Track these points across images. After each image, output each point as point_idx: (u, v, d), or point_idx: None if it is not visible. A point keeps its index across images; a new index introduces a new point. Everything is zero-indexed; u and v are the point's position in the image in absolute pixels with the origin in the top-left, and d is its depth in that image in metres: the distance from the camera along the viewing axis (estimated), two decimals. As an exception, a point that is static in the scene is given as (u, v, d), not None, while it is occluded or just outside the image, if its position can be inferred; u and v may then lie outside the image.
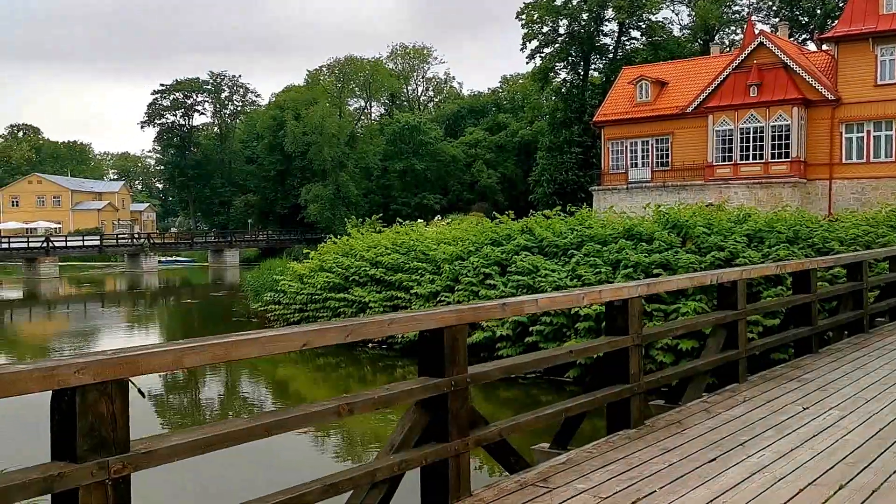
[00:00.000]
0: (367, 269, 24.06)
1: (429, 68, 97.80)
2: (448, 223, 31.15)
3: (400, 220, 29.55)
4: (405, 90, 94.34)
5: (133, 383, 2.83)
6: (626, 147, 48.35)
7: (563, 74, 61.38)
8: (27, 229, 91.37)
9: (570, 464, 4.93)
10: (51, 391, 2.68)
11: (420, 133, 73.53)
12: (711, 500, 4.34)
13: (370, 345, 23.17)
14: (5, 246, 61.36)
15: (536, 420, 5.06)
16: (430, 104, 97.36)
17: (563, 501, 4.21)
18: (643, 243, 17.98)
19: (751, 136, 42.77)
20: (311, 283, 25.56)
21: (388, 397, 3.74)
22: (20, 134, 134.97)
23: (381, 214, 31.69)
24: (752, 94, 42.63)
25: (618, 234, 18.75)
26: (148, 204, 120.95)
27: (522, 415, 5.09)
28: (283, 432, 3.31)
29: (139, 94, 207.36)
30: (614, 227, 19.30)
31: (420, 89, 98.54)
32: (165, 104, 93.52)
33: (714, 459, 5.11)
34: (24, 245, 59.49)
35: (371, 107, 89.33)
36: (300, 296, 25.80)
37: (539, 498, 4.25)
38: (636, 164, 48.00)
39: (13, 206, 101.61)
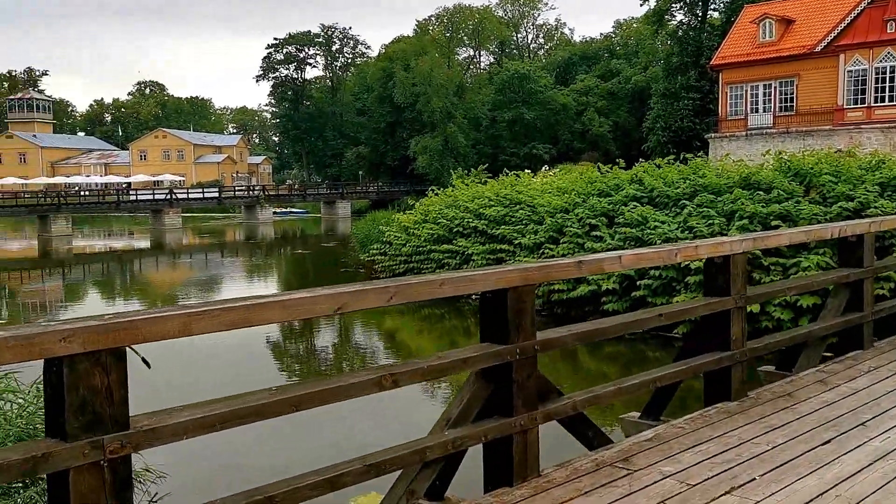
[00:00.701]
0: (471, 220, 23.76)
1: (539, 15, 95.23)
2: (555, 174, 30.34)
3: (506, 171, 28.99)
4: (515, 38, 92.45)
5: (135, 352, 2.51)
6: (746, 91, 45.67)
7: (679, 16, 58.47)
8: (154, 182, 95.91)
9: (658, 441, 4.37)
10: (43, 361, 2.38)
11: (530, 81, 72.00)
12: (823, 493, 3.69)
13: (473, 297, 22.97)
14: (133, 198, 64.61)
15: (619, 392, 4.50)
16: (541, 52, 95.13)
17: (644, 488, 3.68)
18: (761, 192, 16.78)
19: (887, 75, 39.50)
20: (416, 235, 25.49)
21: (440, 366, 3.30)
22: (147, 91, 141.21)
23: (485, 165, 31.15)
24: (889, 30, 39.23)
25: (733, 184, 17.59)
26: (264, 157, 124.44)
27: (603, 386, 4.53)
28: (313, 407, 2.94)
29: (257, 50, 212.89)
30: (730, 176, 18.14)
31: (530, 37, 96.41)
32: (279, 58, 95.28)
33: (828, 441, 4.41)
34: (150, 197, 62.39)
35: (480, 56, 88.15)
36: (405, 247, 25.80)
37: (616, 482, 3.74)
38: (756, 109, 45.34)
39: (141, 159, 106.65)
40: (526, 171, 30.43)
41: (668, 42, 60.10)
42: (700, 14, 57.39)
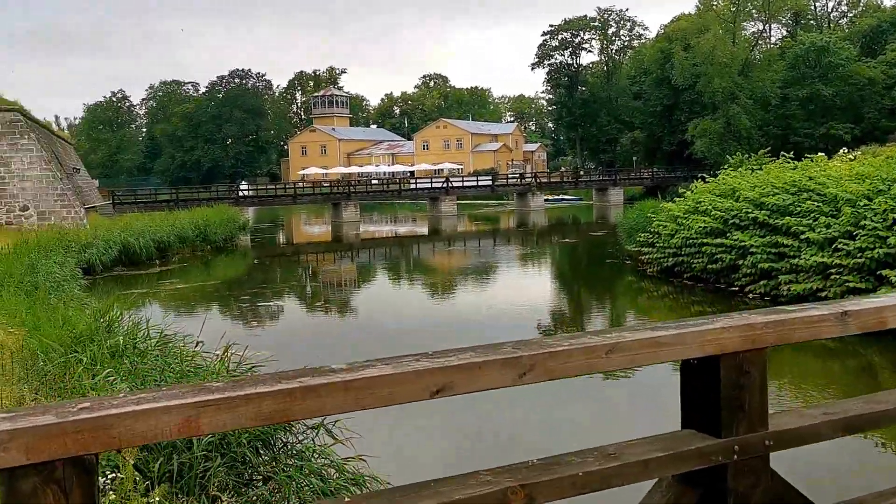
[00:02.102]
0: (750, 210, 21.47)
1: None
2: (854, 158, 26.63)
3: (790, 155, 25.99)
4: (812, 7, 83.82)
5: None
6: None
7: None
8: (434, 170, 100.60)
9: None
10: None
11: (829, 54, 64.83)
12: None
13: (750, 294, 20.77)
14: (413, 186, 67.96)
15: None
16: (843, 20, 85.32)
17: None
18: None
19: None
20: (686, 226, 23.64)
21: (605, 472, 2.15)
22: (431, 83, 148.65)
23: (768, 148, 28.20)
24: None
25: None
26: (539, 144, 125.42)
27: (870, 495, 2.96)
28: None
29: (535, 37, 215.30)
30: None
31: (830, 4, 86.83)
32: (554, 44, 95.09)
33: None
34: (429, 185, 65.16)
35: (770, 30, 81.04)
36: (674, 238, 24.09)
37: None
38: None
39: (424, 149, 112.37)
40: (818, 154, 27.15)
41: None
42: None
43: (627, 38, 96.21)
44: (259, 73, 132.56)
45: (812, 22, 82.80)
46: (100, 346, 8.72)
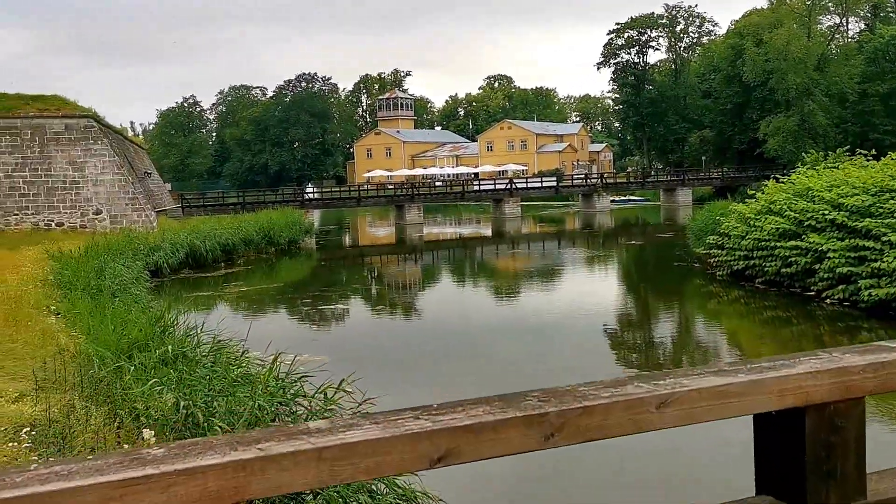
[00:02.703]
0: (827, 211, 20.45)
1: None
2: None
3: (870, 153, 24.76)
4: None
5: None
6: None
7: None
8: (498, 172, 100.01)
9: None
10: None
11: (910, 47, 62.09)
12: None
13: (828, 300, 19.75)
14: (476, 188, 67.62)
15: None
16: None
17: None
18: None
19: None
20: (758, 227, 22.70)
21: None
22: (496, 84, 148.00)
23: (847, 147, 26.92)
24: None
25: None
26: (605, 144, 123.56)
27: None
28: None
29: (601, 36, 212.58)
30: None
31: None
32: (620, 43, 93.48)
33: None
34: (492, 187, 64.69)
35: (847, 23, 77.99)
36: (745, 240, 23.17)
37: None
38: None
39: (488, 150, 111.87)
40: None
41: None
42: None
43: (696, 35, 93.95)
44: (325, 77, 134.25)
45: (892, 14, 79.38)
46: (151, 352, 8.60)
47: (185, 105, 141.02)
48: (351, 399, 7.16)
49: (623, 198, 73.38)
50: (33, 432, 5.88)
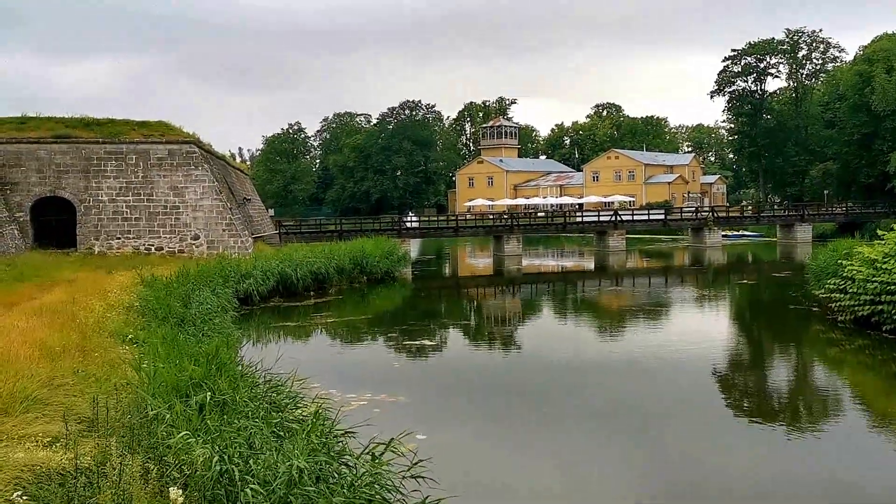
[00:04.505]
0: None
1: None
2: None
3: None
4: None
5: None
6: None
7: None
8: (604, 203, 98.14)
9: None
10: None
11: None
12: None
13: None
14: (579, 219, 66.32)
15: None
16: None
17: None
18: None
19: None
20: (886, 270, 20.93)
21: None
22: (604, 113, 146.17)
23: None
24: None
25: None
26: (718, 176, 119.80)
27: None
28: None
29: (714, 64, 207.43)
30: None
31: None
32: (736, 70, 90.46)
33: None
34: (595, 219, 63.30)
35: None
36: (871, 284, 21.39)
37: None
38: None
39: (594, 180, 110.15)
40: None
41: None
42: None
43: (820, 62, 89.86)
44: (429, 105, 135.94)
45: None
46: (202, 393, 8.19)
47: (290, 131, 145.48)
48: (404, 460, 6.48)
49: (736, 233, 70.45)
50: (47, 486, 5.47)
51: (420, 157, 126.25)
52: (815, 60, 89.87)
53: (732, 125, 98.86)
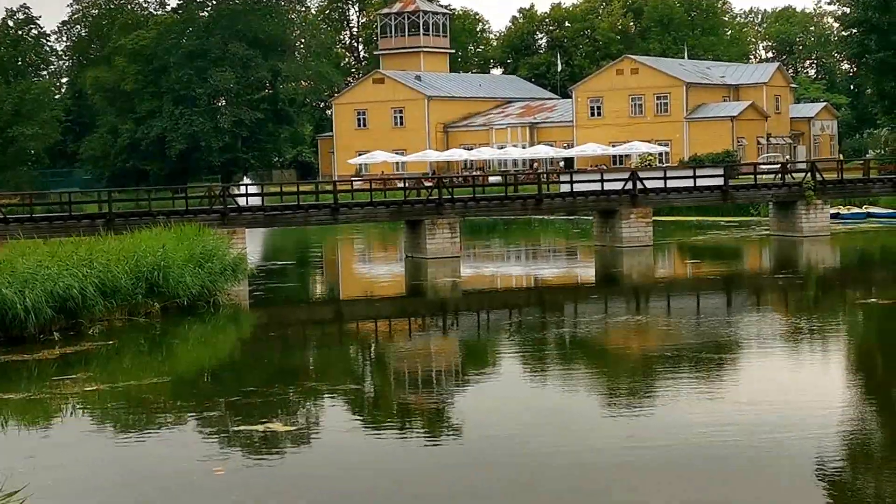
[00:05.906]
0: None
1: None
2: None
3: None
4: None
5: None
6: None
7: None
8: (612, 158, 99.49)
9: None
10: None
11: None
12: None
13: None
14: (567, 189, 66.75)
15: None
16: None
17: None
18: None
19: None
20: None
21: None
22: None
23: None
24: None
25: None
26: (823, 104, 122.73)
27: None
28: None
29: None
30: None
31: None
32: None
33: None
34: (597, 187, 63.05)
35: None
36: None
37: None
38: None
39: (592, 115, 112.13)
40: None
41: None
42: None
43: None
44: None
45: None
46: None
47: (8, 24, 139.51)
48: None
49: (857, 211, 72.23)
50: None
51: (263, 71, 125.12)
52: None
53: (848, 8, 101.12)
